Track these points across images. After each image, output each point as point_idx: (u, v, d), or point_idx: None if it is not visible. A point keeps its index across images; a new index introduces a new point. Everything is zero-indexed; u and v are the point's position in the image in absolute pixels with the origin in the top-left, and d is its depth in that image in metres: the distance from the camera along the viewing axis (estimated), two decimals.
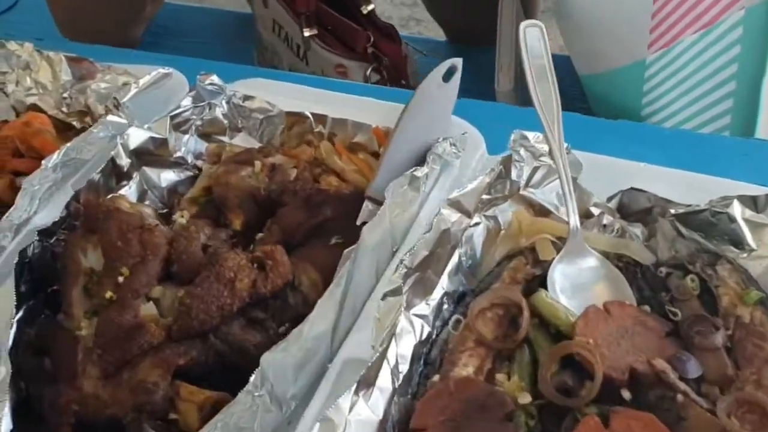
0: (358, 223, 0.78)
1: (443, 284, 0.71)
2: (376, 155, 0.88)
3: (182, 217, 0.84)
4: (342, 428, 0.57)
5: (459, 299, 0.74)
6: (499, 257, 0.76)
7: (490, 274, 0.74)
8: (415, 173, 0.77)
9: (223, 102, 0.93)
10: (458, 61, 0.85)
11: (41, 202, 0.87)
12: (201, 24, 1.79)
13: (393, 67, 1.43)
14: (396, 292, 0.66)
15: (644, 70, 1.02)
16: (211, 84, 0.91)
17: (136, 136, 0.86)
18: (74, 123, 0.99)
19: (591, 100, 1.17)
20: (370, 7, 1.48)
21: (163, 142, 0.88)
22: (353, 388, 0.59)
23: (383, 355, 0.62)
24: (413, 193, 0.77)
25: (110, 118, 0.89)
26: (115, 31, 1.45)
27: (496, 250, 0.77)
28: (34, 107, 1.01)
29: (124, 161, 0.85)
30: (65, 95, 1.00)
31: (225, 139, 0.94)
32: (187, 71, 0.98)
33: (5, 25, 1.56)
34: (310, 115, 0.91)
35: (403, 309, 0.65)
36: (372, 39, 1.43)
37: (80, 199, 0.81)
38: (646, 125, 0.99)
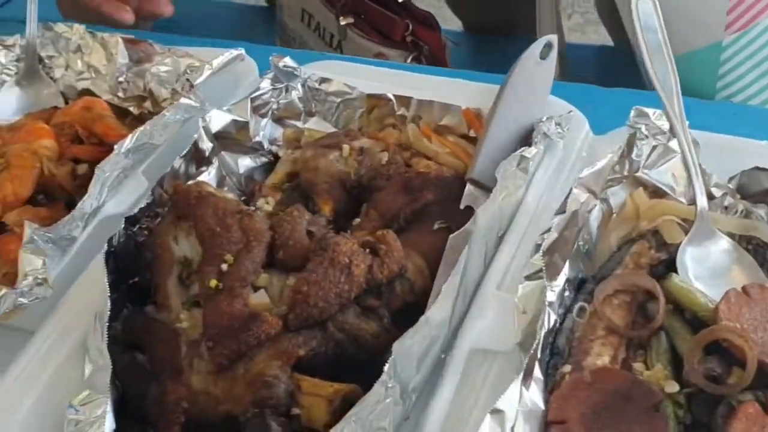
0: (462, 207, 0.75)
1: (565, 270, 0.68)
2: (465, 138, 0.84)
3: (267, 203, 0.79)
4: (513, 420, 0.53)
5: (579, 285, 0.70)
6: (616, 241, 0.73)
7: (611, 259, 0.71)
8: (524, 154, 0.73)
9: (299, 85, 0.88)
10: (553, 38, 0.82)
11: (110, 190, 0.82)
12: (213, 15, 1.73)
13: (432, 55, 1.40)
14: (536, 276, 0.62)
15: (720, 53, 1.00)
16: (285, 66, 0.87)
17: (218, 119, 0.81)
18: (131, 108, 0.94)
19: None
20: None
21: (244, 126, 0.83)
22: (519, 377, 0.55)
23: (537, 343, 0.58)
24: (522, 175, 0.74)
25: (183, 101, 0.84)
26: None
27: (611, 233, 0.73)
28: (87, 92, 0.96)
29: (207, 145, 0.80)
30: (121, 79, 0.94)
31: (298, 123, 0.89)
32: None
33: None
34: (392, 98, 0.86)
35: (546, 294, 0.61)
36: (410, 27, 1.39)
37: (163, 185, 0.76)
38: (748, 106, 0.96)
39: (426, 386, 0.66)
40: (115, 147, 0.81)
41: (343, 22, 1.40)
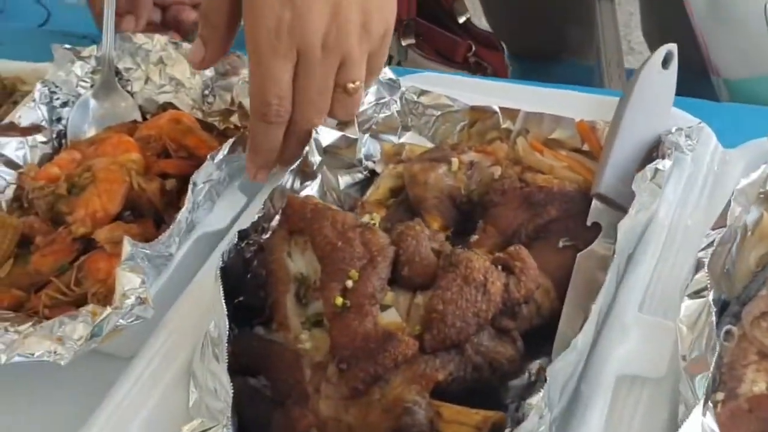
0: (589, 223, 0.70)
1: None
2: (578, 152, 0.79)
3: (372, 219, 0.74)
4: None
5: (723, 308, 0.65)
6: (755, 261, 0.68)
7: (754, 279, 0.66)
8: (658, 167, 0.69)
9: (398, 98, 0.84)
10: (673, 47, 0.78)
11: (203, 203, 0.78)
12: None
13: (495, 76, 1.37)
14: (699, 294, 0.57)
15: None
16: (387, 79, 0.83)
17: (328, 134, 0.77)
18: (216, 123, 0.90)
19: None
20: (467, 15, 1.42)
21: (353, 142, 0.79)
22: (700, 404, 0.51)
23: (710, 368, 0.54)
24: (656, 189, 0.69)
25: None
26: None
27: (749, 252, 0.69)
28: (169, 106, 0.92)
29: (315, 158, 0.76)
30: (206, 92, 0.90)
31: (394, 138, 0.85)
32: None
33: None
34: (498, 110, 0.82)
35: (713, 314, 0.56)
36: (473, 48, 1.37)
37: (272, 198, 0.71)
38: None
39: (563, 416, 0.61)
40: (209, 157, 0.76)
41: (404, 43, 1.38)
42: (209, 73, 0.90)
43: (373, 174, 0.83)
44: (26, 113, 0.92)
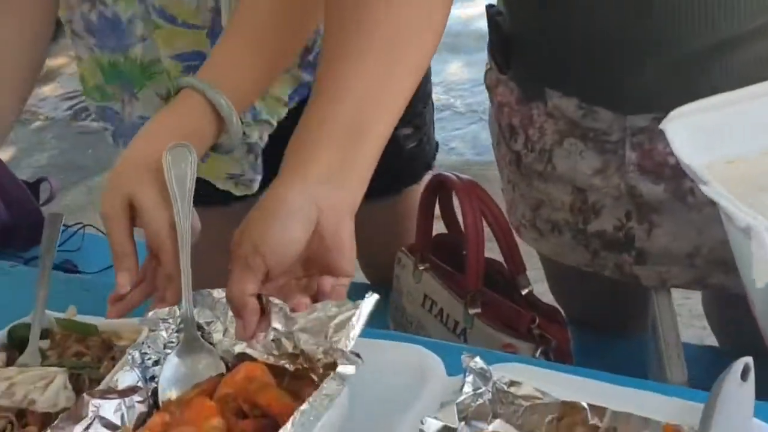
0: None
1: None
2: None
3: None
4: None
5: None
6: None
7: None
8: None
9: (490, 387, 0.90)
10: (749, 360, 0.84)
11: None
12: None
13: (558, 350, 1.42)
14: None
15: None
16: (479, 368, 0.89)
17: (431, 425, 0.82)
18: (287, 366, 0.95)
19: None
20: (529, 288, 1.50)
21: None
22: None
23: None
24: None
25: (341, 369, 0.86)
26: None
27: None
28: (244, 356, 0.98)
29: None
30: (272, 338, 0.96)
31: (483, 425, 0.90)
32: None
33: None
34: (587, 406, 0.87)
35: None
36: (536, 320, 1.43)
37: None
38: None
39: None
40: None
41: (471, 312, 1.45)
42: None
43: None
44: (122, 376, 0.98)
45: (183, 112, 1.14)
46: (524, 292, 1.48)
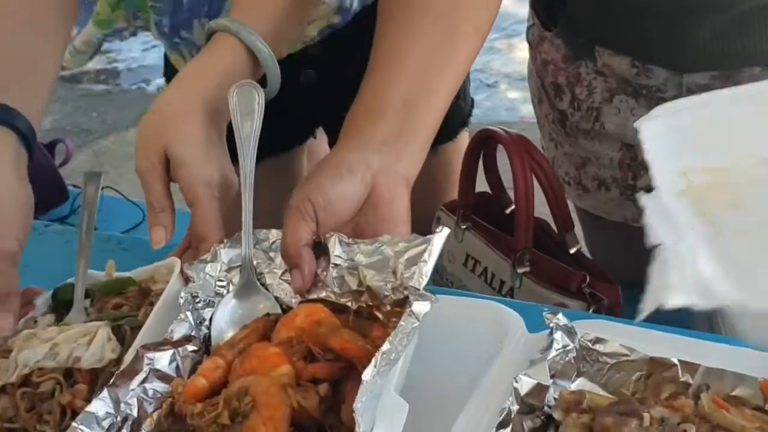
0: None
1: None
2: (760, 410, 0.80)
3: None
4: None
5: None
6: None
7: None
8: None
9: (575, 345, 0.86)
10: None
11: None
12: None
13: (609, 309, 1.39)
14: None
15: None
16: (564, 324, 0.86)
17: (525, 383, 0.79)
18: (349, 304, 0.92)
19: None
20: (577, 246, 1.46)
21: (543, 389, 0.80)
22: None
23: None
24: None
25: (416, 307, 0.80)
26: None
27: None
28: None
29: (514, 407, 0.77)
30: (335, 274, 0.93)
31: (567, 383, 0.86)
32: None
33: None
34: (677, 362, 0.84)
35: None
36: (587, 279, 1.40)
37: None
38: None
39: None
40: (363, 378, 0.74)
41: (520, 271, 1.41)
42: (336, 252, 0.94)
43: (548, 419, 0.84)
44: (177, 326, 0.94)
45: (218, 56, 1.10)
46: (572, 250, 1.44)
